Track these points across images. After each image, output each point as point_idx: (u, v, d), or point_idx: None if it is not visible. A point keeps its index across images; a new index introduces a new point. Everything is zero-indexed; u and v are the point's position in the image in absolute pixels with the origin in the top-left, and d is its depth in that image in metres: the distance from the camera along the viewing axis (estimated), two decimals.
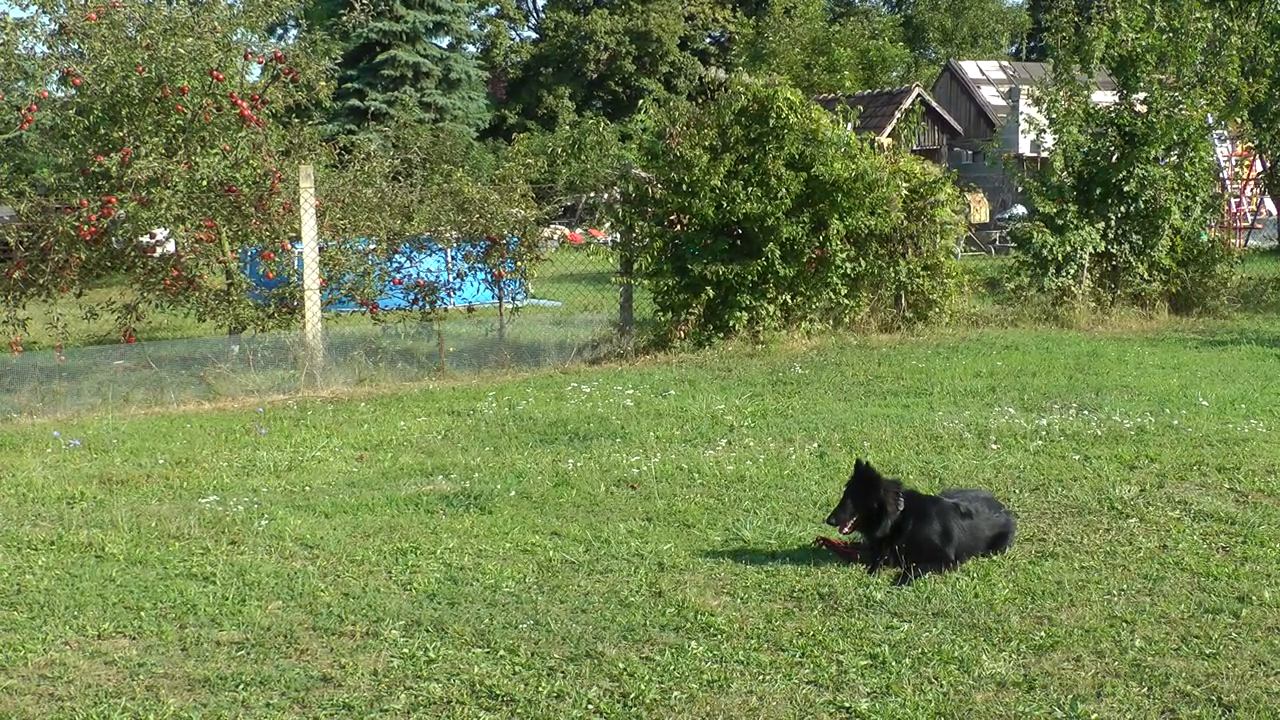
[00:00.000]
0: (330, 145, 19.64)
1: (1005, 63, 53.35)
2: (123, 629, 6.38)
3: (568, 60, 71.20)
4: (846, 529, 7.36)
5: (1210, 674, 5.66)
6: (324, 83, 18.27)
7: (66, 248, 16.20)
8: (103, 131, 16.63)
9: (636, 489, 9.23)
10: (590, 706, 5.41)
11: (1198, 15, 21.04)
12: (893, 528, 7.26)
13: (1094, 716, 5.25)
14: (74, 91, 16.89)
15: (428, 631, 6.27)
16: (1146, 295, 20.43)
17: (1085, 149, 20.39)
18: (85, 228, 15.80)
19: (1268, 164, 24.06)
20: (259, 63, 18.17)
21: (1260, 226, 28.59)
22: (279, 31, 53.38)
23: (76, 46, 17.08)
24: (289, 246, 17.06)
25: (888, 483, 7.42)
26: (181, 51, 16.09)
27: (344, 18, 47.64)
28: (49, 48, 17.39)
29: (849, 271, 17.47)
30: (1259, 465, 9.52)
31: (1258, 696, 5.40)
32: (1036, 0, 64.52)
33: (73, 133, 16.85)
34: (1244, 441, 10.36)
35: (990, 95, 47.83)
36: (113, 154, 15.97)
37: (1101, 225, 19.92)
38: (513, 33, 76.37)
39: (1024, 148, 29.52)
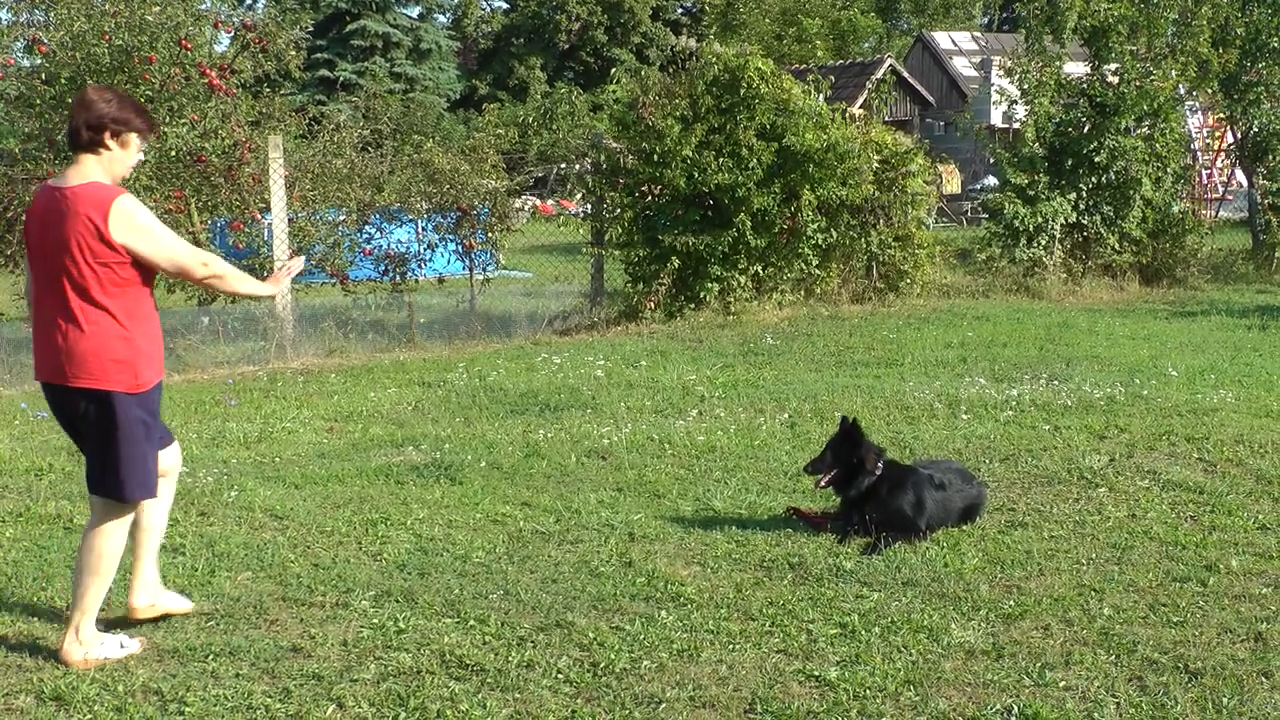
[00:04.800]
0: (300, 116, 19.52)
1: (978, 34, 53.36)
2: None
3: (539, 30, 70.99)
4: (824, 481, 7.39)
5: (1178, 642, 5.69)
6: (294, 53, 18.14)
7: None
8: (70, 100, 16.47)
9: (607, 459, 9.23)
10: (560, 676, 5.40)
11: None
12: (867, 490, 7.29)
13: (1062, 684, 5.27)
14: (40, 60, 16.74)
15: (398, 602, 6.26)
16: (1117, 266, 20.49)
17: (1057, 120, 20.42)
18: None
19: (1238, 135, 24.12)
20: (228, 32, 18.05)
21: (1231, 198, 28.69)
22: (248, 1, 53.05)
23: (43, 14, 16.92)
24: (259, 217, 16.97)
25: (870, 444, 7.45)
26: (150, 19, 15.96)
27: None
28: (14, 15, 17.23)
29: (820, 242, 17.47)
30: (1227, 435, 9.57)
31: (1224, 664, 5.43)
32: None
33: (39, 101, 16.69)
34: (1213, 412, 10.41)
35: (962, 66, 47.89)
36: None
37: (1073, 196, 19.97)
38: (484, 2, 76.08)
39: (996, 119, 29.55)
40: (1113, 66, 20.59)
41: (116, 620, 5.99)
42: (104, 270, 5.41)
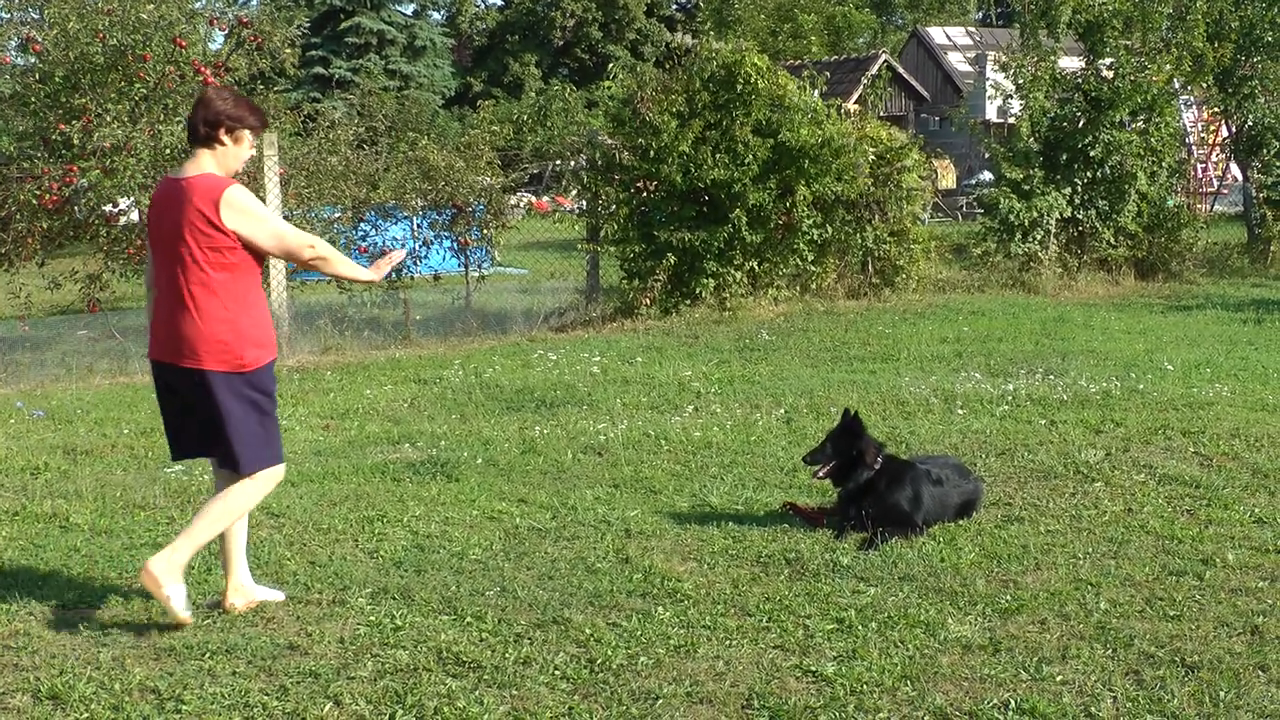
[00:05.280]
0: (295, 113, 19.50)
1: (972, 28, 53.36)
2: (88, 599, 6.34)
3: (534, 27, 70.89)
4: (821, 473, 7.40)
5: (1174, 635, 5.69)
6: (288, 50, 18.12)
7: (28, 217, 16.06)
8: (64, 99, 16.47)
9: (603, 456, 9.23)
10: (557, 672, 5.40)
11: None
12: (865, 484, 7.29)
13: (1059, 679, 5.27)
14: (34, 59, 16.72)
15: (394, 599, 6.26)
16: (1112, 261, 20.50)
17: (1052, 114, 20.41)
18: (47, 196, 15.67)
19: (1233, 129, 24.12)
20: (222, 30, 18.03)
21: (1226, 192, 28.68)
22: None
23: (36, 13, 16.91)
24: None
25: (870, 438, 7.45)
26: (144, 18, 15.94)
27: None
28: (8, 14, 17.22)
29: (816, 238, 17.47)
30: (1223, 429, 9.58)
31: (1220, 657, 5.44)
32: None
33: (33, 100, 16.68)
34: (1209, 405, 10.42)
35: (957, 61, 47.86)
36: (74, 122, 15.83)
37: (1068, 191, 19.97)
38: None
39: (990, 114, 29.52)
40: (1107, 61, 20.59)
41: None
42: (215, 255, 5.80)
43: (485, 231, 18.00)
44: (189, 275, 5.81)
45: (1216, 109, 24.27)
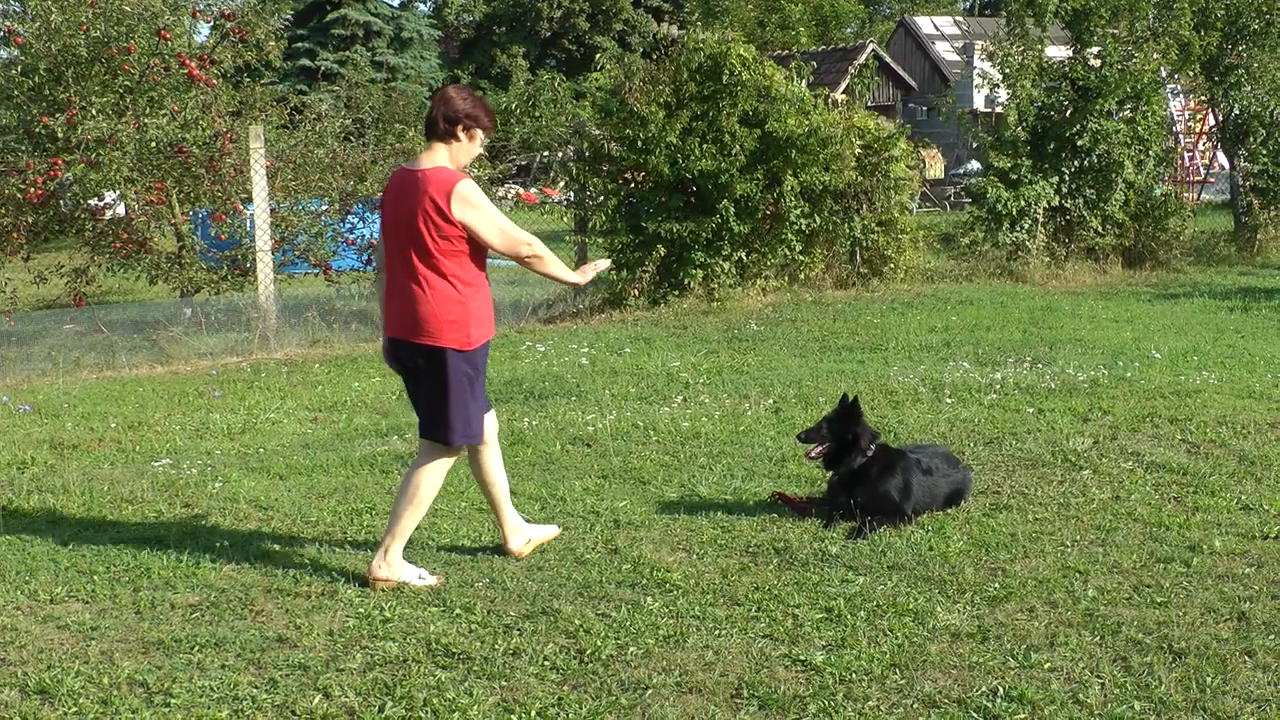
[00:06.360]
0: (281, 105, 19.46)
1: (959, 18, 53.41)
2: (76, 593, 6.33)
3: (521, 18, 70.75)
4: (814, 453, 7.40)
5: (1161, 622, 5.70)
6: (274, 42, 18.07)
7: (13, 211, 16.03)
8: (48, 92, 16.42)
9: (592, 447, 9.23)
10: (547, 663, 5.40)
11: None
12: (857, 470, 7.29)
13: (1047, 666, 5.28)
14: (17, 51, 16.67)
15: (383, 591, 6.25)
16: (1100, 249, 20.52)
17: (1039, 103, 20.42)
18: (32, 190, 15.63)
19: (1220, 118, 24.15)
20: (207, 22, 17.99)
21: (1213, 180, 28.74)
22: None
23: (19, 6, 16.86)
24: (240, 208, 16.91)
25: (866, 425, 7.46)
26: (128, 10, 15.89)
27: None
28: None
29: (804, 228, 17.46)
30: (1210, 416, 9.60)
31: (1207, 643, 5.45)
32: None
33: (16, 93, 16.62)
34: (1196, 393, 10.44)
35: (944, 50, 47.91)
36: (58, 115, 15.78)
37: (1055, 180, 19.98)
38: None
39: (978, 103, 29.55)
40: (1094, 50, 20.61)
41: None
42: (444, 242, 6.22)
43: None
44: (422, 259, 6.24)
45: (1203, 98, 24.30)
